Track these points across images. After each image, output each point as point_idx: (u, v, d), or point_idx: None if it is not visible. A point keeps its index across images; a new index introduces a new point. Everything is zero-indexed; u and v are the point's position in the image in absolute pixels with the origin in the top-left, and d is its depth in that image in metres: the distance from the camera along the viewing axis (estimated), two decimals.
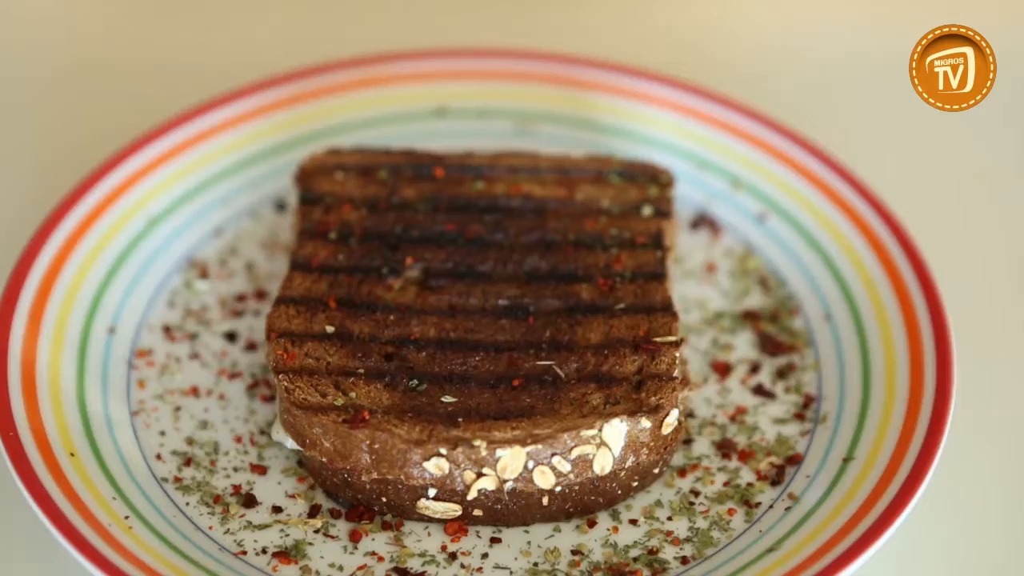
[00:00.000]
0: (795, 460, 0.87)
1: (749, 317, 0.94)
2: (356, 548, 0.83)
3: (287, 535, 0.83)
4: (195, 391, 0.90)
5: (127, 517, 0.81)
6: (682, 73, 1.06)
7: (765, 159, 0.99)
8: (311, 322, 0.87)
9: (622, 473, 0.84)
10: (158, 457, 0.86)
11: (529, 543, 0.84)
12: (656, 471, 0.85)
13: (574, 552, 0.83)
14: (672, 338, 0.86)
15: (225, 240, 0.98)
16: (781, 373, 0.91)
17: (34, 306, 0.89)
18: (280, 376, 0.84)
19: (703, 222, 0.99)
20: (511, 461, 0.81)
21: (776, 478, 0.86)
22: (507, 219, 0.92)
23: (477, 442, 0.81)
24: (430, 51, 1.05)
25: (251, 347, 0.92)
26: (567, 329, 0.87)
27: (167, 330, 0.93)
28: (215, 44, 1.14)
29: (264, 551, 0.83)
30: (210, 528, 0.83)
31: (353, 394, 0.83)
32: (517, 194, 0.93)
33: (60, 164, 1.02)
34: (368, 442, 0.82)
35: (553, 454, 0.82)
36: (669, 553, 0.83)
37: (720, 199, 1.00)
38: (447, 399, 0.83)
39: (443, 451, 0.81)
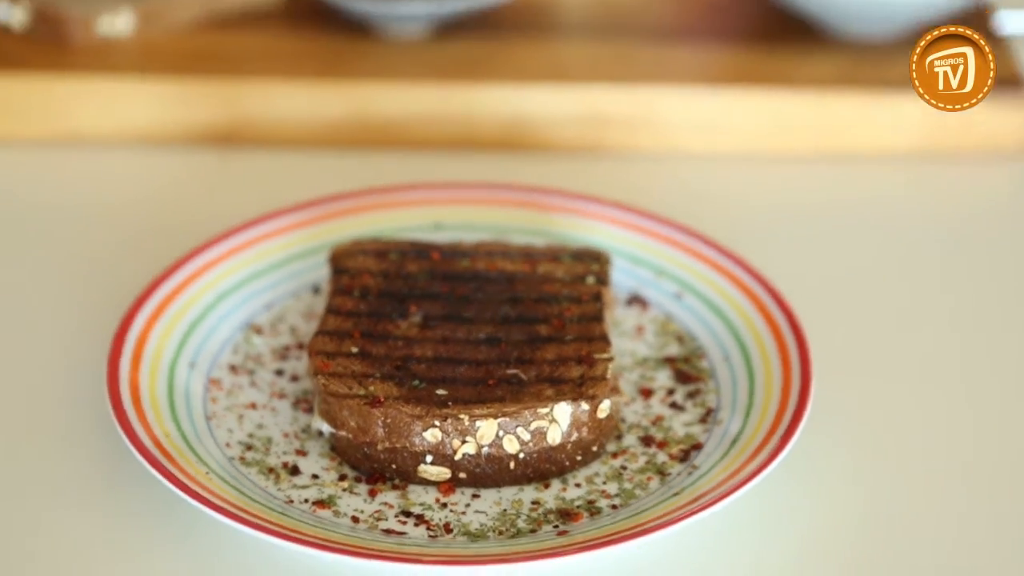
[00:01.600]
0: (698, 447, 1.16)
1: (668, 360, 1.25)
2: (373, 500, 1.12)
3: (323, 492, 1.13)
4: (253, 405, 1.20)
5: (207, 472, 1.12)
6: (619, 196, 1.39)
7: (680, 254, 1.30)
8: (340, 346, 1.18)
9: (568, 446, 1.14)
10: (227, 445, 1.16)
11: (500, 498, 1.13)
12: (595, 449, 1.15)
13: (533, 503, 1.12)
14: (606, 355, 1.17)
15: (274, 312, 1.28)
16: (691, 395, 1.21)
17: (136, 348, 1.19)
18: (318, 376, 1.15)
19: (635, 300, 1.30)
20: (487, 430, 1.12)
21: (683, 457, 1.16)
22: (486, 284, 1.24)
23: (462, 416, 1.12)
24: (429, 183, 1.37)
25: (294, 379, 1.23)
26: (529, 352, 1.18)
27: (232, 368, 1.23)
28: (269, 184, 1.48)
29: (306, 501, 1.12)
30: (265, 487, 1.13)
31: (372, 388, 1.14)
32: (493, 269, 1.25)
33: (153, 258, 1.35)
34: (382, 418, 1.12)
35: (517, 426, 1.12)
36: (603, 503, 1.12)
37: (647, 284, 1.30)
38: (440, 392, 1.14)
39: (437, 423, 1.11)
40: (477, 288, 1.23)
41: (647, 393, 1.22)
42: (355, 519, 1.11)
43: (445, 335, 1.19)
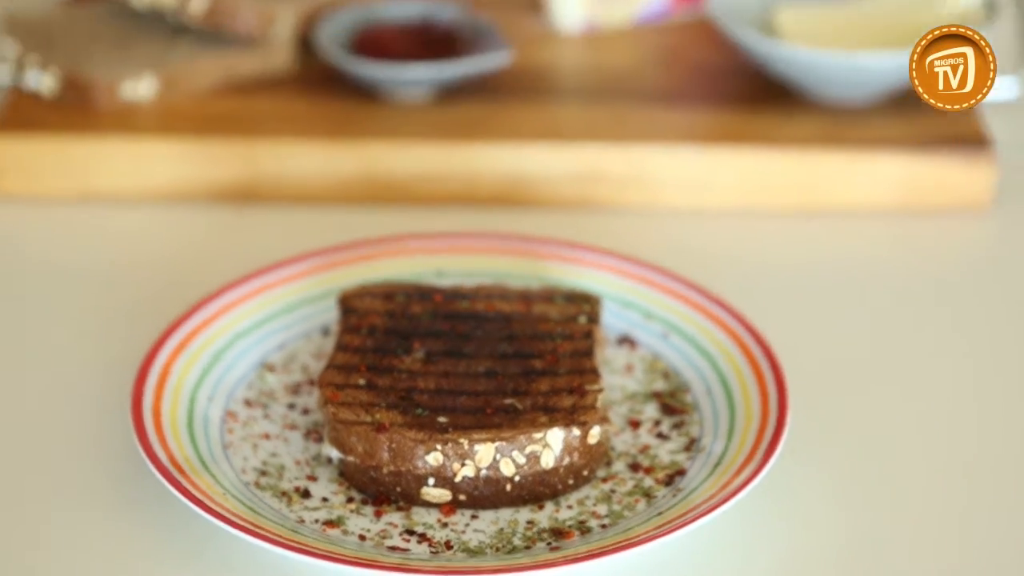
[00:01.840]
0: (682, 472, 1.24)
1: (655, 395, 1.33)
2: (379, 520, 1.20)
3: (332, 513, 1.21)
4: (267, 436, 1.28)
5: (224, 493, 1.20)
6: (612, 246, 1.48)
7: (666, 298, 1.38)
8: (349, 378, 1.26)
9: (561, 470, 1.22)
10: (243, 471, 1.25)
11: (498, 518, 1.21)
12: (585, 474, 1.24)
13: (528, 523, 1.20)
14: (596, 386, 1.25)
15: (287, 351, 1.37)
16: (676, 426, 1.29)
17: (159, 381, 1.27)
18: (328, 405, 1.23)
19: (625, 341, 1.39)
20: (485, 454, 1.20)
21: (668, 482, 1.24)
22: (485, 323, 1.32)
23: (462, 440, 1.20)
24: (431, 233, 1.45)
25: (305, 412, 1.31)
26: (524, 384, 1.26)
27: (247, 402, 1.31)
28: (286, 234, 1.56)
29: (316, 521, 1.20)
30: (279, 509, 1.21)
31: (378, 415, 1.23)
32: (492, 310, 1.34)
33: (177, 305, 1.42)
34: (388, 443, 1.20)
35: (513, 450, 1.20)
36: (593, 523, 1.20)
37: (637, 326, 1.38)
38: (441, 419, 1.22)
39: (438, 447, 1.20)
40: (476, 327, 1.32)
41: (635, 424, 1.30)
42: (362, 537, 1.19)
43: (446, 369, 1.28)
